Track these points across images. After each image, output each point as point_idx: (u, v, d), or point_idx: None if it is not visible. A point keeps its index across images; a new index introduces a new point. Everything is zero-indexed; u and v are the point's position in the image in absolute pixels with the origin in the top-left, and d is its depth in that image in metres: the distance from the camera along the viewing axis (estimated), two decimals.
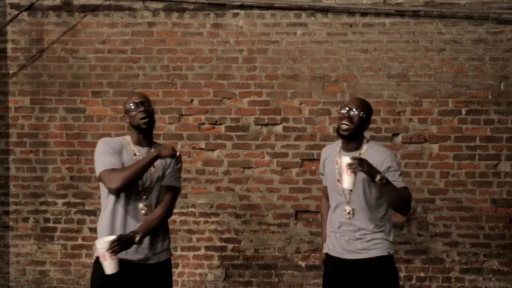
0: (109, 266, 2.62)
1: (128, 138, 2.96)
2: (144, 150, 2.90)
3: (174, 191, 2.94)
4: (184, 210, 4.52)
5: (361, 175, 2.84)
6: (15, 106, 4.63)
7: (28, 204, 4.60)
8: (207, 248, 4.53)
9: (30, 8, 4.58)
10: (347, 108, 2.93)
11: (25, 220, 4.60)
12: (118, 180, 2.72)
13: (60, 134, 4.60)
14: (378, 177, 2.76)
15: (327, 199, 3.17)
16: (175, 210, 3.39)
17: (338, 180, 2.95)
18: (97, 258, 2.79)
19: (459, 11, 4.42)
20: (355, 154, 2.92)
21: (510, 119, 4.40)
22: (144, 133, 2.92)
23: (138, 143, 2.92)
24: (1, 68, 4.64)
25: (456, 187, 4.41)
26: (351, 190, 2.90)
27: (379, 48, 4.48)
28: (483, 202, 4.41)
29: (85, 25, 4.61)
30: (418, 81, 4.45)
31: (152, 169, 2.85)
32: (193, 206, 4.53)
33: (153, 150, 2.89)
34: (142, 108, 2.87)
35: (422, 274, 4.41)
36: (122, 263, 2.70)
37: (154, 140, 3.03)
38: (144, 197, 2.85)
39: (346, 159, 2.75)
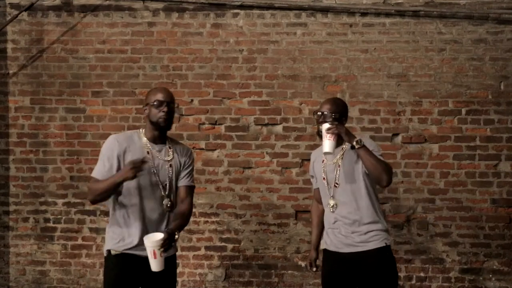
0: (158, 263, 2.67)
1: (142, 132, 2.97)
2: (157, 147, 2.94)
3: (191, 190, 3.05)
4: None
5: (345, 169, 3.02)
6: (15, 106, 4.63)
7: (28, 204, 4.60)
8: (207, 248, 4.52)
9: (30, 8, 4.58)
10: (320, 112, 3.10)
11: (25, 220, 4.60)
12: (91, 194, 2.83)
13: (60, 134, 4.60)
14: (355, 140, 2.92)
15: (318, 202, 3.31)
16: None
17: (324, 178, 3.11)
18: (109, 252, 2.85)
19: (459, 11, 4.42)
20: (339, 149, 3.06)
21: (510, 119, 4.40)
22: (160, 131, 2.94)
23: (153, 139, 2.94)
24: (1, 68, 4.64)
25: (456, 187, 4.41)
26: (338, 172, 3.05)
27: (379, 48, 4.48)
28: (483, 202, 4.41)
29: (85, 25, 4.61)
30: (418, 81, 4.45)
31: (169, 169, 2.92)
32: (193, 206, 4.51)
33: (168, 146, 2.96)
34: (166, 109, 2.88)
35: (422, 274, 4.41)
36: (135, 258, 2.79)
37: (169, 137, 3.04)
38: (165, 194, 2.91)
39: (325, 125, 2.94)
